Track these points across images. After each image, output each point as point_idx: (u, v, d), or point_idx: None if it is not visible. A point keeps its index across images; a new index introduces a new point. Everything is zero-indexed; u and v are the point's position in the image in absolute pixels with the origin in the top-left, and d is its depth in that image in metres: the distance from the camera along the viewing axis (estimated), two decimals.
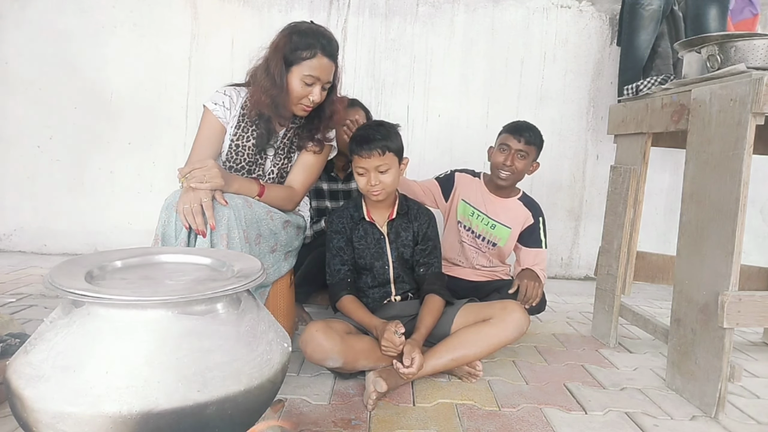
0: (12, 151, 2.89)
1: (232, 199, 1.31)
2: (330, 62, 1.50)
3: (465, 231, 1.96)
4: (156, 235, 1.30)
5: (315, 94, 1.50)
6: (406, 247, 1.62)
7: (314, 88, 1.49)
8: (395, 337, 1.38)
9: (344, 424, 1.22)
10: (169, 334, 0.71)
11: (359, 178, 1.53)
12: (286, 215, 1.55)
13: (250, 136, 1.54)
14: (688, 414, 1.38)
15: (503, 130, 1.90)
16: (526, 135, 1.83)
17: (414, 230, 1.63)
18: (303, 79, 1.47)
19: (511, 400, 1.41)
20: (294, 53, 1.47)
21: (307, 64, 1.47)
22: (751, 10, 2.59)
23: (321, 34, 1.50)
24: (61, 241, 2.95)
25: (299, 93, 1.49)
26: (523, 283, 1.78)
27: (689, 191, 1.49)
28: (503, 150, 1.85)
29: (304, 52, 1.46)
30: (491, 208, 1.93)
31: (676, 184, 3.05)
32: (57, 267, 0.81)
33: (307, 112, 1.55)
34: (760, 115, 1.28)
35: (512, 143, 1.83)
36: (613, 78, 2.94)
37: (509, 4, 2.96)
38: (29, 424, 0.68)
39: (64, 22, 2.83)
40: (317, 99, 1.51)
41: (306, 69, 1.47)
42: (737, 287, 1.32)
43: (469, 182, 1.99)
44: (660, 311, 2.43)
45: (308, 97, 1.50)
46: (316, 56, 1.47)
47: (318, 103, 1.53)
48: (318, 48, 1.47)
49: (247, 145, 1.54)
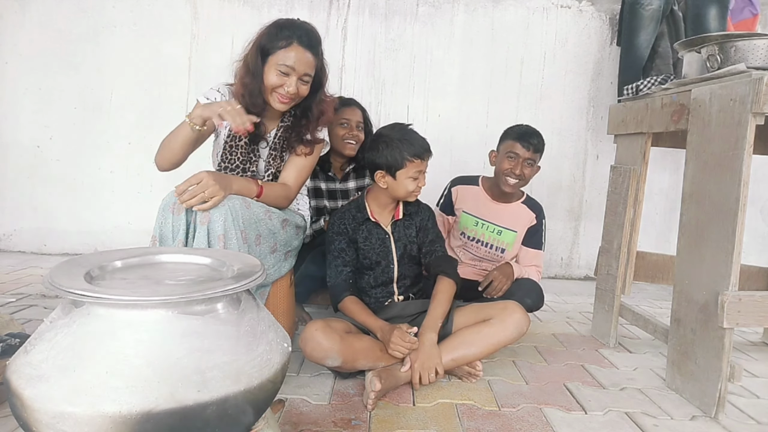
0: (12, 151, 2.89)
1: (230, 200, 1.31)
2: (307, 53, 1.48)
3: (471, 242, 1.96)
4: (153, 236, 1.30)
5: (290, 85, 1.46)
6: (412, 244, 1.63)
7: (290, 79, 1.46)
8: (408, 336, 1.39)
9: (344, 424, 1.22)
10: (169, 334, 0.71)
11: (411, 182, 1.52)
12: (284, 214, 1.55)
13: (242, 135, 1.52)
14: (688, 414, 1.38)
15: (509, 136, 1.86)
16: (534, 143, 1.80)
17: (417, 225, 1.65)
18: (278, 68, 1.45)
19: (511, 400, 1.41)
20: (271, 43, 1.47)
21: (282, 53, 1.45)
22: (751, 10, 2.59)
23: (299, 27, 1.49)
24: (61, 241, 2.96)
25: (273, 82, 1.47)
26: (492, 274, 1.79)
27: (689, 191, 1.49)
28: (511, 158, 1.82)
29: (281, 41, 1.46)
30: (495, 214, 1.93)
31: (676, 184, 3.05)
32: (57, 267, 0.81)
33: (286, 105, 1.51)
34: (760, 115, 1.28)
35: (521, 152, 1.80)
36: (613, 78, 2.94)
37: (509, 4, 2.96)
38: (29, 424, 0.68)
39: (64, 22, 2.83)
40: (292, 90, 1.47)
41: (281, 58, 1.45)
42: (737, 287, 1.32)
43: (468, 192, 1.98)
44: (660, 311, 2.43)
45: (283, 87, 1.47)
46: (291, 45, 1.46)
47: (295, 95, 1.50)
48: (294, 38, 1.46)
49: (239, 144, 1.54)
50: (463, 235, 1.96)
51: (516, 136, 1.83)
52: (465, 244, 1.97)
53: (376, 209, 1.61)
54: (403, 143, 1.50)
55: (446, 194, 2.03)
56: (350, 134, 1.97)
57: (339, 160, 2.05)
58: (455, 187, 2.01)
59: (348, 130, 1.97)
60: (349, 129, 1.97)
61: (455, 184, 2.02)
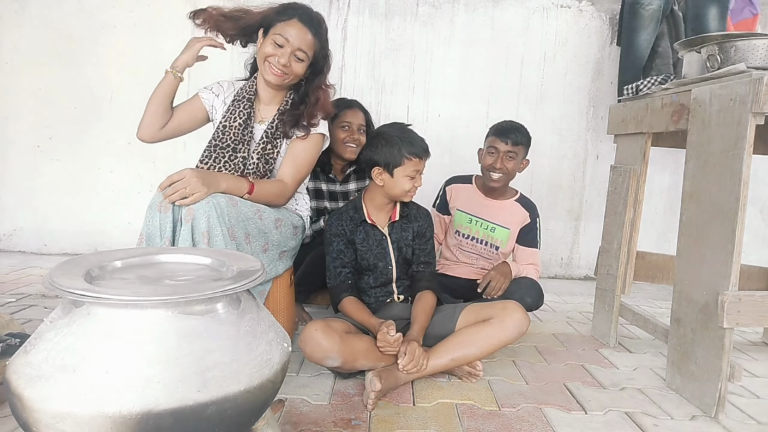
0: (12, 151, 2.89)
1: (215, 197, 1.30)
2: (305, 29, 1.50)
3: (465, 239, 1.97)
4: (141, 234, 1.30)
5: (283, 56, 1.49)
6: (407, 247, 1.63)
7: (283, 50, 1.49)
8: (388, 336, 1.39)
9: (344, 424, 1.22)
10: (169, 334, 0.71)
11: (407, 181, 1.53)
12: (278, 213, 1.53)
13: (238, 117, 1.56)
14: (688, 414, 1.38)
15: (490, 131, 1.92)
16: (512, 136, 1.84)
17: (414, 230, 1.64)
18: (274, 39, 1.49)
19: (511, 400, 1.41)
20: (273, 18, 1.52)
21: (281, 26, 1.49)
22: (751, 10, 2.59)
23: (304, 7, 1.54)
24: (61, 241, 2.96)
25: (268, 51, 1.50)
26: (489, 275, 1.79)
27: (689, 191, 1.49)
28: (492, 153, 1.87)
29: (282, 16, 1.51)
30: (488, 211, 1.94)
31: (676, 184, 3.05)
32: (57, 267, 0.81)
33: (278, 78, 1.52)
34: (760, 115, 1.28)
35: (500, 146, 1.85)
36: (613, 78, 2.94)
37: (509, 4, 2.96)
38: (29, 424, 0.68)
39: (64, 22, 2.83)
40: (283, 61, 1.49)
41: (278, 29, 1.49)
42: (737, 287, 1.32)
43: (461, 190, 2.01)
44: (660, 311, 2.43)
45: (275, 56, 1.49)
46: (291, 20, 1.49)
47: (286, 69, 1.51)
48: (296, 15, 1.50)
49: (233, 125, 1.55)
50: (457, 234, 1.97)
51: (495, 131, 1.89)
52: (460, 242, 1.97)
53: (372, 210, 1.61)
54: (402, 141, 1.51)
55: (441, 194, 2.05)
56: (351, 137, 1.95)
57: (340, 162, 2.04)
58: (450, 186, 2.04)
59: (349, 133, 1.95)
60: (350, 132, 1.95)
61: (450, 184, 2.05)
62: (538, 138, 3.00)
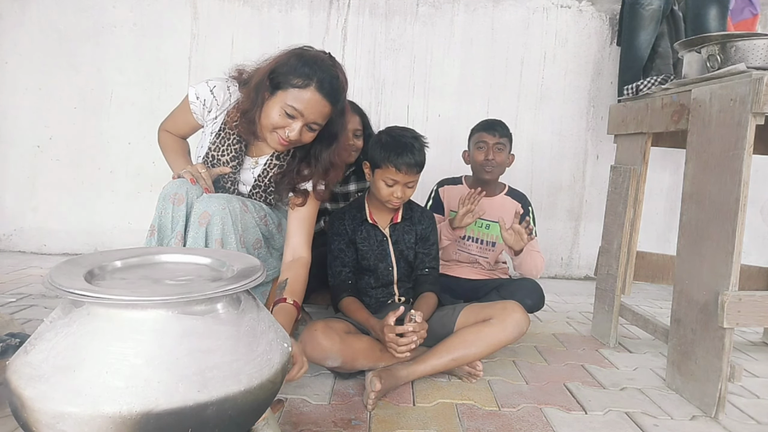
0: (12, 151, 2.89)
1: (230, 202, 1.27)
2: (324, 101, 1.28)
3: (462, 240, 1.98)
4: (152, 226, 1.26)
5: (293, 131, 1.28)
6: (409, 249, 1.63)
7: (294, 123, 1.28)
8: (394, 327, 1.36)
9: (344, 424, 1.22)
10: (169, 334, 0.71)
11: (384, 186, 1.51)
12: (280, 217, 1.54)
13: (226, 151, 1.41)
14: (688, 414, 1.38)
15: (475, 130, 1.99)
16: (499, 129, 1.92)
17: (417, 233, 1.64)
18: (284, 108, 1.27)
19: (511, 400, 1.41)
20: (286, 76, 1.27)
21: (293, 93, 1.26)
22: (751, 10, 2.59)
23: (324, 68, 1.28)
24: (61, 241, 2.95)
25: (275, 122, 1.29)
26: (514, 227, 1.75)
27: (689, 191, 1.49)
28: (481, 147, 1.92)
29: (297, 79, 1.26)
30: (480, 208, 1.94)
31: (676, 184, 3.05)
32: (57, 267, 0.81)
33: (285, 148, 1.36)
34: (760, 115, 1.28)
35: (488, 139, 1.91)
36: (613, 78, 2.94)
37: (509, 4, 2.96)
38: (29, 424, 0.68)
39: (64, 22, 2.83)
40: (293, 136, 1.29)
41: (290, 98, 1.26)
42: (737, 287, 1.32)
43: (453, 191, 2.04)
44: (660, 311, 2.43)
45: (284, 129, 1.29)
46: (307, 88, 1.26)
47: (296, 141, 1.32)
48: (314, 81, 1.26)
49: (222, 159, 1.41)
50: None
51: (480, 127, 1.97)
52: (457, 243, 1.98)
53: (374, 210, 1.61)
54: (392, 147, 1.47)
55: (434, 196, 2.07)
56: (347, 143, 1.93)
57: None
58: (442, 188, 2.07)
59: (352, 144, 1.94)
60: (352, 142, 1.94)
61: (442, 185, 2.08)
62: (538, 138, 3.01)
